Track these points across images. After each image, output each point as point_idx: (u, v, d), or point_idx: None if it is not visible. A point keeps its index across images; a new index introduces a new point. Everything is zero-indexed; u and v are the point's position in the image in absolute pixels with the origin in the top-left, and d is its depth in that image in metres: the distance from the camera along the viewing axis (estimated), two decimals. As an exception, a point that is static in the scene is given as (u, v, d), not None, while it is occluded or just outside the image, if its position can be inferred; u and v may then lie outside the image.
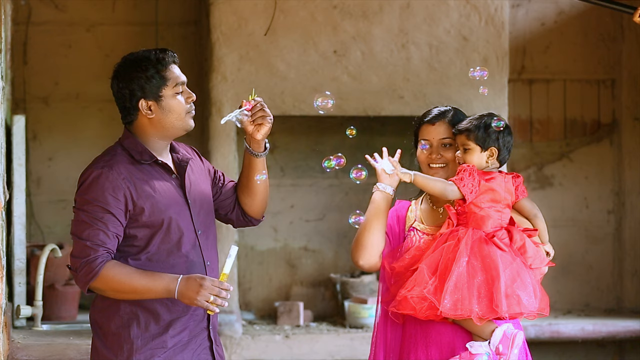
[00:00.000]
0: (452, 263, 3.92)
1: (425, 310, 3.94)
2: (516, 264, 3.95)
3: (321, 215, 8.28)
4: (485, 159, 4.06)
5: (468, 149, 4.06)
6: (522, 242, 4.00)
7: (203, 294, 3.81)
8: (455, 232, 4.00)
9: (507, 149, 4.09)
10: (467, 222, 4.01)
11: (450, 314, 3.91)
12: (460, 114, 4.19)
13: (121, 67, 4.01)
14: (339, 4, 7.58)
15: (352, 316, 7.76)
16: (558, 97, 8.59)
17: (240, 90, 7.45)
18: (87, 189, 3.90)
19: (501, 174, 4.06)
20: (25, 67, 7.98)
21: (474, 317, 3.89)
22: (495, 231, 3.98)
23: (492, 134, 4.05)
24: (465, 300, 3.89)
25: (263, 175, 4.14)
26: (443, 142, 4.16)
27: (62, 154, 8.03)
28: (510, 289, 3.90)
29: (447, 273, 3.92)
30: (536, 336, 7.92)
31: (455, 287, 3.90)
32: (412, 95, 7.64)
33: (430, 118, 4.19)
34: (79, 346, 5.10)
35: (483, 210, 3.99)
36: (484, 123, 4.06)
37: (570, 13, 8.50)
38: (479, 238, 3.97)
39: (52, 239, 7.57)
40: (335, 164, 4.16)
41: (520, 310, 3.91)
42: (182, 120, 4.01)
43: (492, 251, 3.95)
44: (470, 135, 4.05)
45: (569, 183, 8.60)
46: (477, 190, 3.98)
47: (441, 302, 3.89)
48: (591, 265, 8.64)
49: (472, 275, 3.92)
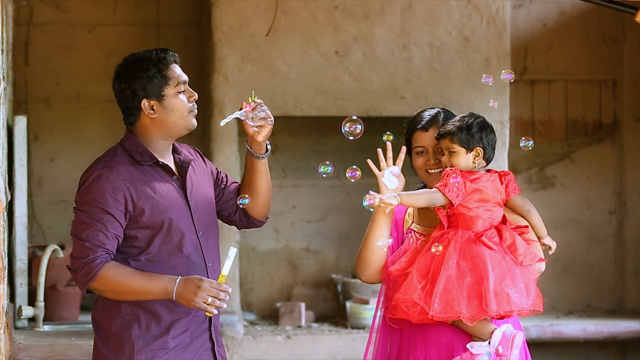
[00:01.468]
0: (441, 265, 3.92)
1: (417, 314, 3.94)
2: (505, 263, 3.94)
3: (322, 216, 8.28)
4: (472, 160, 4.06)
5: (453, 152, 4.04)
6: (512, 240, 3.99)
7: (201, 296, 3.80)
8: (446, 235, 4.00)
9: (492, 146, 4.08)
10: (457, 224, 4.00)
11: (441, 316, 3.90)
12: (449, 115, 4.17)
13: (123, 67, 4.01)
14: (341, 4, 7.59)
15: (353, 317, 7.76)
16: (559, 97, 8.59)
17: (242, 91, 7.45)
18: (87, 189, 3.90)
19: (486, 173, 4.05)
20: (27, 68, 7.99)
21: (464, 319, 3.89)
22: (484, 230, 3.98)
23: (475, 134, 4.04)
24: (454, 302, 3.89)
25: (246, 199, 4.14)
26: (439, 147, 4.15)
27: (63, 154, 8.04)
28: (499, 288, 3.89)
29: (437, 276, 3.92)
30: (538, 337, 7.92)
31: (445, 290, 3.90)
32: (414, 95, 7.64)
33: (424, 125, 4.16)
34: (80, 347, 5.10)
35: (472, 211, 3.98)
36: (466, 124, 4.05)
37: (572, 13, 8.49)
38: (467, 239, 3.97)
39: (54, 239, 7.57)
40: (350, 177, 4.13)
41: (511, 308, 3.90)
42: (184, 119, 4.01)
43: (480, 251, 3.94)
44: (454, 138, 4.03)
45: (571, 184, 8.60)
46: (463, 192, 3.97)
47: (431, 306, 3.88)
48: (593, 266, 8.64)
49: (462, 276, 3.91)
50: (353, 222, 8.13)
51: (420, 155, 4.14)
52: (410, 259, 4.05)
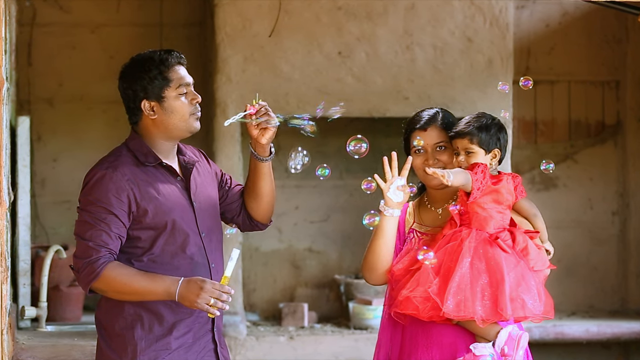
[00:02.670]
0: (455, 264, 3.91)
1: (428, 310, 3.92)
2: (520, 267, 3.93)
3: (325, 217, 8.28)
4: (489, 161, 4.05)
5: (471, 153, 4.03)
6: (525, 244, 3.98)
7: (203, 297, 3.80)
8: (458, 233, 3.98)
9: (505, 148, 4.09)
10: (469, 223, 3.99)
11: (453, 315, 3.89)
12: (448, 115, 4.17)
13: (127, 67, 4.01)
14: (344, 5, 7.59)
15: (356, 317, 7.75)
16: (562, 98, 8.58)
17: (245, 92, 7.45)
18: (91, 189, 3.90)
19: (505, 175, 4.05)
20: (30, 68, 7.99)
21: (477, 319, 3.88)
22: (498, 232, 3.97)
23: (494, 136, 4.04)
24: (468, 302, 3.88)
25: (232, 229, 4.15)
26: (437, 146, 4.14)
27: (66, 155, 8.04)
28: (514, 293, 3.88)
29: (450, 274, 3.90)
30: (540, 337, 7.92)
31: (458, 288, 3.89)
32: (417, 96, 7.64)
33: (422, 124, 4.16)
34: (83, 347, 5.10)
35: (486, 211, 3.97)
36: (485, 125, 4.04)
37: (575, 14, 8.49)
38: (483, 239, 3.95)
39: (57, 240, 7.57)
40: (365, 189, 4.11)
41: (525, 314, 3.89)
42: (185, 121, 3.99)
43: (496, 253, 3.93)
44: (474, 138, 4.02)
45: (574, 184, 8.60)
46: (484, 189, 3.96)
47: (444, 303, 3.87)
48: (595, 267, 8.63)
49: (476, 276, 3.90)
50: (356, 222, 8.07)
51: (419, 155, 4.13)
52: (413, 258, 4.04)
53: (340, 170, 7.90)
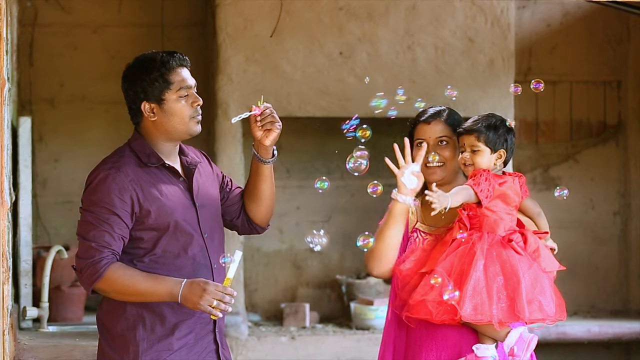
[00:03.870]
0: (469, 267, 3.88)
1: (442, 314, 3.90)
2: (534, 269, 3.92)
3: (327, 217, 8.28)
4: (494, 161, 4.05)
5: (477, 151, 4.02)
6: (537, 246, 3.98)
7: (206, 299, 3.80)
8: (469, 236, 3.97)
9: (512, 150, 4.09)
10: (479, 226, 3.97)
11: (471, 319, 3.87)
12: (454, 113, 4.18)
13: (129, 68, 4.01)
14: (345, 5, 7.59)
15: (358, 317, 7.75)
16: (564, 98, 8.58)
17: (246, 92, 7.45)
18: (94, 190, 3.90)
19: (510, 176, 4.05)
20: (31, 69, 7.99)
21: (495, 323, 3.86)
22: (510, 234, 3.95)
23: (501, 136, 4.03)
24: (485, 305, 3.85)
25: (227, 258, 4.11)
26: (439, 141, 4.14)
27: (68, 155, 8.04)
28: (531, 295, 3.87)
29: (463, 278, 3.88)
30: (542, 338, 7.90)
31: (474, 292, 3.86)
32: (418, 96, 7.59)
33: (426, 117, 4.17)
34: (85, 348, 5.10)
35: (496, 214, 3.96)
36: (494, 124, 4.03)
37: (576, 14, 8.49)
38: (496, 242, 3.93)
39: (58, 240, 7.58)
40: (371, 192, 4.09)
41: (542, 316, 3.89)
42: (185, 124, 3.99)
43: (510, 255, 3.91)
44: (481, 136, 4.01)
45: (575, 184, 8.59)
46: (491, 195, 3.95)
47: (462, 308, 3.85)
48: (597, 267, 8.63)
49: (491, 279, 3.88)
50: (357, 223, 8.12)
51: (420, 148, 4.13)
52: (420, 259, 4.03)
53: (342, 170, 7.91)
